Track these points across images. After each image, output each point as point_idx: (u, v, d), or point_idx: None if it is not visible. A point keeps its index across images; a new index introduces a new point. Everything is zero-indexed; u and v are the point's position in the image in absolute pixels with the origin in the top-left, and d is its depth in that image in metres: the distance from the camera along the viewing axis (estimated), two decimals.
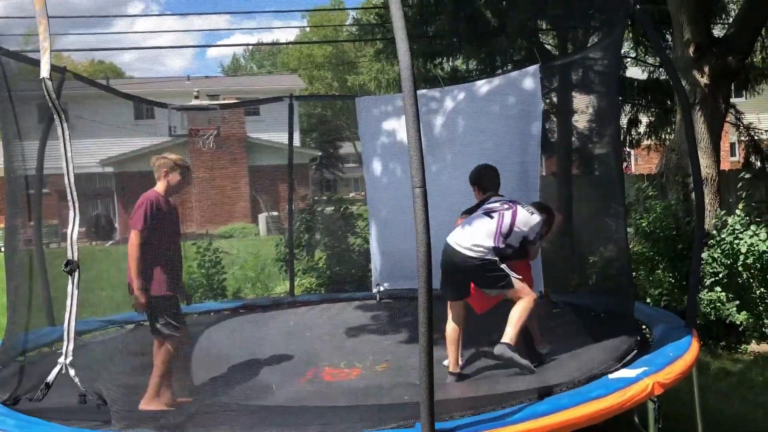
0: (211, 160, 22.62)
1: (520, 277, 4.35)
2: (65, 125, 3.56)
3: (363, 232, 9.09)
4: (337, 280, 8.78)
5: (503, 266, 4.27)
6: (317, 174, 31.90)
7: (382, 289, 7.22)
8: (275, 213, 21.29)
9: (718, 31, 9.32)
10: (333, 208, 9.88)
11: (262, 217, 22.65)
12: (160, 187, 4.59)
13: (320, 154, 31.19)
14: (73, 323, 3.33)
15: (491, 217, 4.38)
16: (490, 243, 4.27)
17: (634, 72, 11.86)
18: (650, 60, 11.24)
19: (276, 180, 24.34)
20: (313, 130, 36.85)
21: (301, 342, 5.68)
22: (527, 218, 4.42)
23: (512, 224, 4.35)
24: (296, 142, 7.42)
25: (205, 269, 8.96)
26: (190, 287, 8.76)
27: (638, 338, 4.45)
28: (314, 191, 27.05)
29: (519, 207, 4.46)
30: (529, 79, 6.00)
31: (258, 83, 34.34)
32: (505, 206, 4.45)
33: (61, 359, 3.37)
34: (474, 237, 4.31)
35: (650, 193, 7.32)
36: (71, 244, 3.45)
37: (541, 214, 4.53)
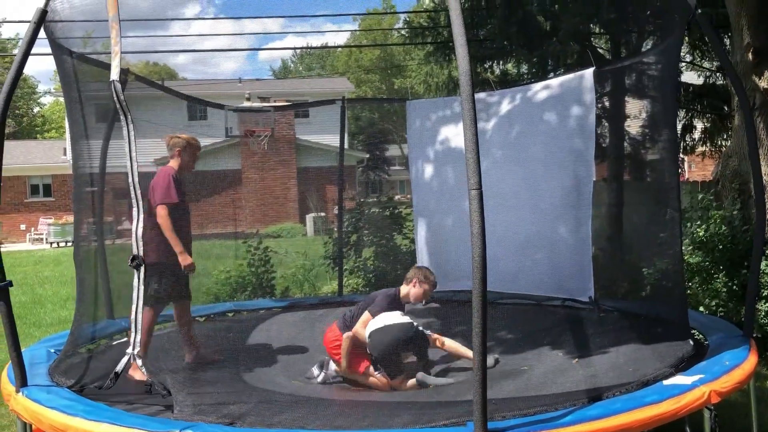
0: (262, 161, 23.07)
1: None
2: (131, 126, 3.69)
3: (409, 234, 9.12)
4: (384, 282, 8.82)
5: None
6: (364, 176, 32.07)
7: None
8: (323, 213, 21.52)
9: None
10: (379, 209, 9.92)
11: (309, 218, 22.91)
12: (174, 163, 4.96)
13: (367, 156, 31.36)
14: (140, 315, 3.45)
15: None
16: None
17: (690, 77, 11.60)
18: (706, 65, 10.99)
19: (323, 181, 24.67)
20: (361, 133, 37.08)
21: None
22: None
23: None
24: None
25: (254, 267, 9.15)
26: (240, 285, 8.96)
27: (693, 345, 4.39)
28: (360, 192, 27.24)
29: None
30: (583, 83, 5.93)
31: (307, 86, 34.76)
32: None
33: (129, 349, 3.49)
34: None
35: (708, 202, 7.13)
36: (136, 240, 3.58)
37: None
